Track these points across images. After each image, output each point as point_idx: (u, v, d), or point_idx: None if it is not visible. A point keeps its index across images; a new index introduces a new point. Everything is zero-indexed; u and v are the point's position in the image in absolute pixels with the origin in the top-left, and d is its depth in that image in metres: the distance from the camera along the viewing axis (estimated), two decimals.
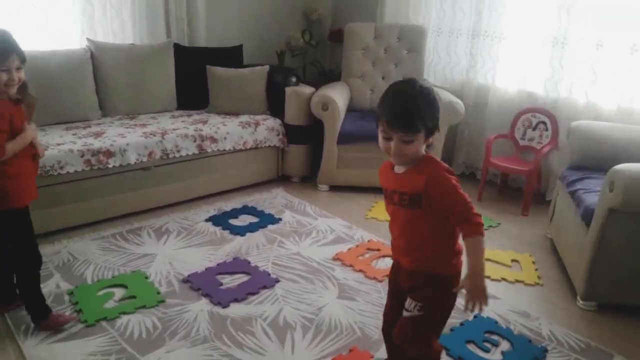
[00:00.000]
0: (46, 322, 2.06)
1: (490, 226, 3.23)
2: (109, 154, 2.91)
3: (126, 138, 3.03)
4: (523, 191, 3.53)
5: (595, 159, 2.75)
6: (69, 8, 3.47)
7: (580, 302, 2.39)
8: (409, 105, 1.37)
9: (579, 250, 2.41)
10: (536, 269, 2.72)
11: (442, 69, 4.13)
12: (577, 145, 2.86)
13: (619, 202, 2.14)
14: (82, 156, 2.82)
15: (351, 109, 3.93)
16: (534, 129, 3.59)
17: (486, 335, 2.15)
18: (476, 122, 3.97)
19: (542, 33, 3.46)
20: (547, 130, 3.53)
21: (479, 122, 3.95)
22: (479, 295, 1.41)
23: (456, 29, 3.97)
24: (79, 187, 2.89)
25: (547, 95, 3.53)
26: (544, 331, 2.18)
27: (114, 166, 2.95)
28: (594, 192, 2.45)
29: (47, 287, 2.33)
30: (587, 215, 2.35)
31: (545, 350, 2.05)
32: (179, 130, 3.25)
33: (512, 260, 2.81)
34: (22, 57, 1.83)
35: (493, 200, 3.69)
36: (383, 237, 2.98)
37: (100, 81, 3.45)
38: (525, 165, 3.46)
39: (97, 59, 3.44)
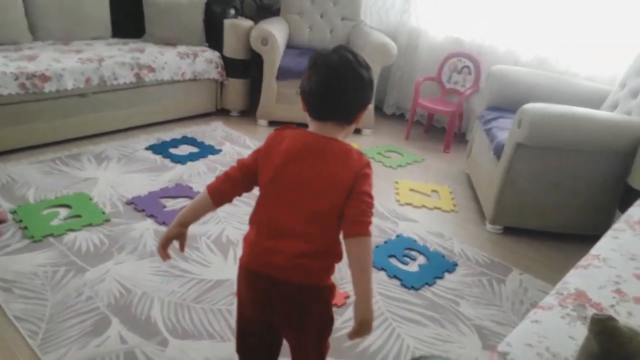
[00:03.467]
0: None
1: (415, 161, 3.52)
2: (44, 78, 2.87)
3: (61, 63, 2.98)
4: (446, 130, 3.83)
5: (510, 101, 3.06)
6: None
7: (489, 226, 2.73)
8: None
9: (490, 181, 2.73)
10: (452, 199, 3.04)
11: (377, 10, 4.26)
12: (494, 88, 3.15)
13: (525, 137, 2.44)
14: (16, 79, 2.76)
15: (290, 46, 4.01)
16: (459, 73, 3.86)
17: (406, 251, 2.44)
18: (407, 64, 4.18)
19: None
20: (470, 74, 3.81)
21: (410, 64, 4.17)
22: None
23: None
24: (15, 111, 2.84)
25: (473, 42, 3.79)
26: (455, 249, 2.51)
27: (50, 91, 2.91)
28: (506, 129, 2.75)
29: None
30: (498, 149, 2.66)
31: (456, 264, 2.38)
32: (115, 58, 3.22)
33: (432, 191, 3.12)
34: None
35: (419, 139, 3.98)
36: None
37: (29, 2, 3.29)
38: (449, 106, 3.75)
39: None
